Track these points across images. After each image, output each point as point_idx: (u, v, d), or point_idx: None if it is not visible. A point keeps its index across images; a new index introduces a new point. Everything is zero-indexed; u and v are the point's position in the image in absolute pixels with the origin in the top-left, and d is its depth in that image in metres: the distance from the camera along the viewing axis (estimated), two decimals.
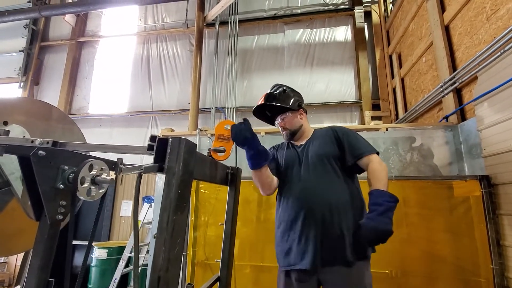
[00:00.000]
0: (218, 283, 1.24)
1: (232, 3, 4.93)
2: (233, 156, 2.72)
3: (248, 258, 2.27)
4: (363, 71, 4.52)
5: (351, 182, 1.37)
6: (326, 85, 4.69)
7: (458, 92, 2.58)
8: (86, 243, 4.24)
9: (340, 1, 4.98)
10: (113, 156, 0.78)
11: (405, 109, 3.84)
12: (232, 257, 1.32)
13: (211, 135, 2.90)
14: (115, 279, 3.42)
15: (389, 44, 4.42)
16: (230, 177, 1.24)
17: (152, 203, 3.77)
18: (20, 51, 5.86)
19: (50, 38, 6.12)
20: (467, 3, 2.41)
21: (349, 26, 4.85)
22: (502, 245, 1.92)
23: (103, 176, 0.70)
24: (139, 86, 5.39)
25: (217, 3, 4.86)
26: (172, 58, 5.40)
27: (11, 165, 1.01)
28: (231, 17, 5.11)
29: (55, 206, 0.63)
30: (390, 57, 4.36)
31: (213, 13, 4.95)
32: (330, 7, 4.97)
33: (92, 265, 3.75)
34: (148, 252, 3.64)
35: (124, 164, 0.71)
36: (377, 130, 2.73)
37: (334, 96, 4.62)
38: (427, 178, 2.22)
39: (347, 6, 4.91)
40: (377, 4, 4.77)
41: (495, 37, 2.01)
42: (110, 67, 5.69)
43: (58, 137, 1.27)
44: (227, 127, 1.14)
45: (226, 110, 4.79)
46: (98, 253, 3.75)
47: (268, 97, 1.48)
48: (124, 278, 3.68)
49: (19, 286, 2.34)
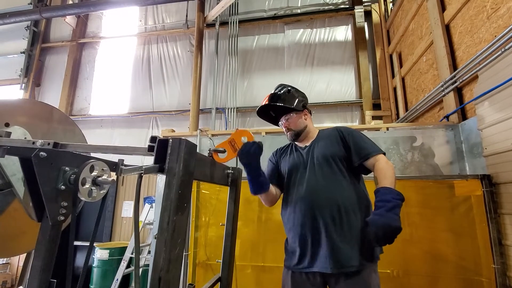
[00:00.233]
0: (219, 283, 1.24)
1: (232, 3, 4.93)
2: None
3: (249, 259, 2.27)
4: (364, 71, 4.51)
5: (357, 183, 1.36)
6: (326, 85, 4.69)
7: (458, 91, 2.57)
8: (87, 243, 4.25)
9: (340, 1, 4.98)
10: (114, 157, 0.79)
11: (406, 109, 3.83)
12: (233, 257, 1.32)
13: (212, 135, 2.90)
14: (117, 280, 3.42)
15: (389, 43, 4.42)
16: (230, 178, 1.24)
17: (153, 204, 3.77)
18: (21, 52, 5.87)
19: (51, 39, 6.14)
20: (467, 2, 2.40)
21: (349, 26, 4.84)
22: (504, 244, 1.91)
23: (104, 177, 0.70)
24: (140, 87, 5.40)
25: (217, 3, 4.87)
26: (172, 58, 5.40)
27: (12, 166, 1.01)
28: (231, 17, 5.11)
29: (56, 207, 0.63)
30: (391, 56, 4.35)
31: (213, 13, 4.95)
32: (330, 6, 4.97)
33: (93, 265, 3.76)
34: (149, 252, 3.65)
35: (125, 165, 0.71)
36: (377, 129, 2.73)
37: (334, 96, 4.62)
38: (428, 177, 2.22)
39: (347, 6, 4.90)
40: (377, 4, 4.77)
41: (495, 36, 2.00)
42: (111, 68, 5.70)
43: (59, 138, 1.27)
44: (244, 139, 1.13)
45: (227, 110, 4.79)
46: (100, 253, 3.76)
47: (273, 97, 1.46)
48: (126, 279, 3.69)
49: (21, 287, 2.35)
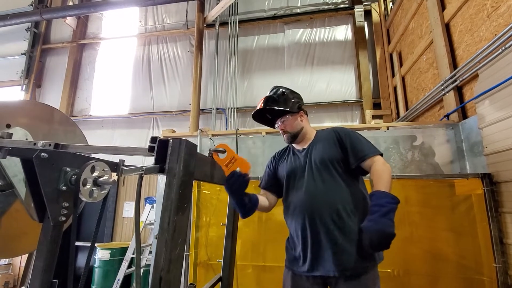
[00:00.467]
0: (220, 283, 1.24)
1: (232, 3, 4.93)
2: None
3: (250, 258, 2.27)
4: (364, 70, 4.51)
5: (357, 185, 1.36)
6: (326, 84, 4.69)
7: (459, 90, 2.57)
8: (89, 244, 4.25)
9: (340, 0, 4.97)
10: (114, 158, 0.79)
11: (406, 108, 3.83)
12: (234, 257, 1.32)
13: (212, 135, 2.90)
14: (118, 280, 3.43)
15: (389, 42, 4.41)
16: None
17: (154, 204, 3.78)
18: (22, 54, 5.89)
19: (52, 40, 6.15)
20: (467, 0, 2.39)
21: (349, 25, 4.84)
22: (505, 243, 1.91)
23: (105, 177, 0.70)
24: (140, 87, 5.41)
25: (217, 3, 4.87)
26: (172, 59, 5.41)
27: (14, 167, 1.01)
28: (231, 17, 5.11)
29: (58, 207, 0.63)
30: (391, 55, 4.35)
31: (213, 14, 4.96)
32: (330, 6, 4.96)
33: (95, 266, 3.77)
34: (150, 253, 3.66)
35: (126, 166, 0.72)
36: (378, 129, 2.73)
37: (335, 96, 4.61)
38: (429, 176, 2.21)
39: (347, 5, 4.90)
40: (377, 3, 4.76)
41: (496, 35, 2.00)
42: (111, 68, 5.71)
43: (60, 139, 1.28)
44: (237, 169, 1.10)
45: (227, 110, 4.79)
46: (101, 254, 3.76)
47: (267, 100, 1.45)
48: (127, 279, 3.70)
49: (23, 287, 2.36)
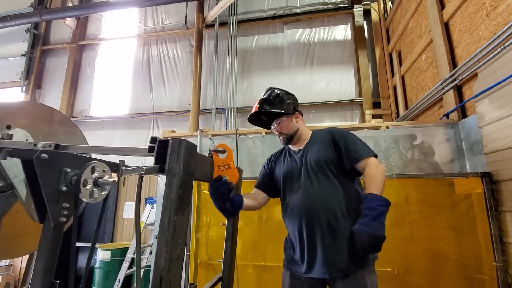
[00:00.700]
0: (220, 283, 1.24)
1: (231, 3, 4.93)
2: (234, 156, 2.73)
3: (251, 258, 2.28)
4: (363, 70, 4.51)
5: (353, 186, 1.36)
6: (326, 84, 4.69)
7: (458, 89, 2.57)
8: (89, 245, 4.26)
9: (339, 0, 4.97)
10: (115, 158, 0.79)
11: (406, 107, 3.83)
12: (234, 257, 1.32)
13: (212, 135, 2.91)
14: (119, 280, 3.43)
15: (388, 42, 4.41)
16: None
17: (154, 204, 3.78)
18: (22, 55, 5.89)
19: (51, 41, 6.15)
20: None
21: (349, 25, 4.84)
22: (505, 242, 1.91)
23: (105, 178, 0.71)
24: (140, 88, 5.41)
25: (216, 4, 4.87)
26: (172, 59, 5.41)
27: (14, 168, 1.02)
28: (230, 17, 5.11)
29: (58, 208, 0.64)
30: (390, 55, 4.35)
31: (212, 14, 4.96)
32: (329, 6, 4.96)
33: (95, 266, 3.78)
34: (151, 253, 3.66)
35: (126, 166, 0.72)
36: (377, 128, 2.73)
37: (334, 95, 4.61)
38: (429, 175, 2.22)
39: (346, 5, 4.90)
40: (376, 2, 4.76)
41: (495, 33, 2.00)
42: (111, 69, 5.71)
43: (61, 140, 1.28)
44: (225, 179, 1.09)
45: (227, 110, 4.79)
46: (102, 254, 3.77)
47: (262, 103, 1.45)
48: (128, 279, 3.70)
49: None
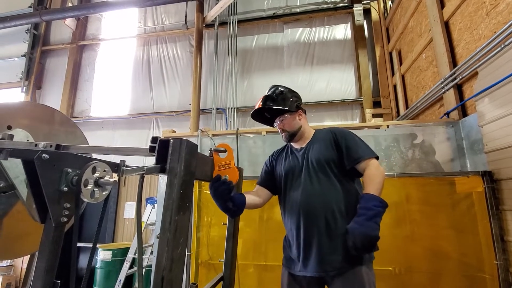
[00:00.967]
0: (222, 282, 1.25)
1: (231, 3, 4.93)
2: (234, 155, 2.73)
3: (252, 258, 2.28)
4: (363, 69, 4.50)
5: (353, 186, 1.36)
6: (326, 83, 4.68)
7: (458, 88, 2.56)
8: (90, 245, 4.26)
9: None
10: (115, 158, 0.79)
11: (406, 106, 3.82)
12: (235, 256, 1.33)
13: (213, 135, 2.91)
14: (120, 281, 3.44)
15: (389, 41, 4.41)
16: None
17: (155, 204, 3.78)
18: (22, 55, 5.88)
19: (51, 42, 6.15)
20: None
21: (349, 24, 4.83)
22: (506, 240, 1.91)
23: (106, 178, 0.71)
24: (140, 88, 5.41)
25: (216, 3, 4.87)
26: (172, 59, 5.41)
27: (15, 168, 1.02)
28: (230, 17, 5.11)
29: (59, 208, 0.64)
30: (390, 54, 4.34)
31: (212, 13, 4.95)
32: (329, 5, 4.96)
33: (97, 266, 3.78)
34: (152, 253, 3.66)
35: (127, 166, 0.72)
36: (378, 127, 2.73)
37: (334, 95, 4.61)
38: (429, 174, 2.22)
39: (346, 4, 4.89)
40: (376, 1, 4.75)
41: (495, 32, 1.99)
42: (111, 69, 5.71)
43: (61, 140, 1.28)
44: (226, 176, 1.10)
45: (227, 110, 4.79)
46: (103, 254, 3.77)
47: (266, 99, 1.45)
48: (129, 279, 3.70)
49: None
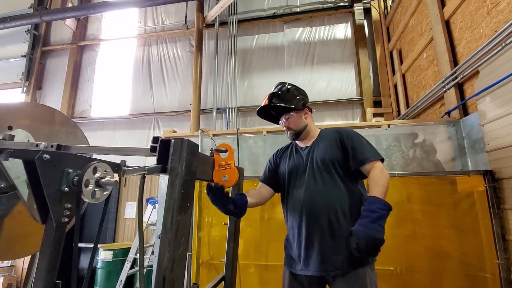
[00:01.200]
0: (223, 282, 1.24)
1: (231, 3, 4.93)
2: (235, 155, 2.73)
3: (253, 257, 2.28)
4: (364, 68, 4.50)
5: (357, 187, 1.35)
6: (327, 83, 4.68)
7: (459, 87, 2.56)
8: (91, 245, 4.26)
9: None
10: (116, 159, 0.79)
11: (407, 106, 3.82)
12: (236, 256, 1.32)
13: (213, 135, 2.91)
14: (121, 281, 3.44)
15: (389, 40, 4.40)
16: None
17: (156, 205, 3.79)
18: (22, 56, 5.89)
19: (52, 42, 6.16)
20: None
21: (349, 24, 4.83)
22: (507, 239, 1.90)
23: (107, 178, 0.71)
24: (141, 88, 5.41)
25: (216, 3, 4.87)
26: (172, 59, 5.41)
27: (16, 169, 1.02)
28: (230, 17, 5.11)
29: (60, 209, 0.64)
30: (391, 53, 4.34)
31: (212, 13, 4.95)
32: (330, 4, 4.95)
33: (98, 267, 3.78)
34: (153, 253, 3.67)
35: (128, 166, 0.72)
36: (379, 127, 2.73)
37: (335, 94, 4.61)
38: (430, 174, 2.21)
39: (347, 3, 4.89)
40: (376, 1, 4.75)
41: (496, 31, 1.99)
42: (111, 70, 5.71)
43: (62, 140, 1.28)
44: (224, 178, 1.11)
45: (228, 110, 4.79)
46: (104, 255, 3.77)
47: (272, 97, 1.44)
48: (130, 280, 3.71)
49: None
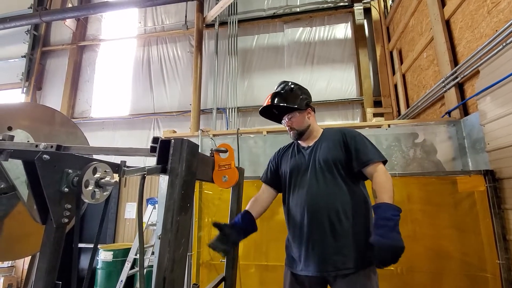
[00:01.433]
0: (223, 283, 1.24)
1: (231, 3, 4.92)
2: (235, 155, 2.73)
3: (253, 258, 2.27)
4: (364, 68, 4.49)
5: (359, 188, 1.34)
6: (327, 83, 4.67)
7: (460, 87, 2.56)
8: (91, 245, 4.26)
9: None
10: (116, 159, 0.79)
11: (407, 105, 3.82)
12: (236, 257, 1.32)
13: (213, 135, 2.90)
14: (121, 281, 3.44)
15: (389, 40, 4.40)
16: None
17: (156, 205, 3.78)
18: (22, 56, 5.89)
19: (52, 43, 6.16)
20: None
21: (349, 23, 4.82)
22: (508, 239, 1.90)
23: (107, 178, 0.70)
24: (141, 88, 5.41)
25: (216, 3, 4.87)
26: (172, 59, 5.41)
27: (16, 169, 1.01)
28: (230, 17, 5.11)
29: (60, 209, 0.63)
30: (391, 53, 4.33)
31: (212, 13, 4.95)
32: (329, 4, 4.95)
33: (98, 267, 3.78)
34: (153, 253, 3.66)
35: (128, 166, 0.71)
36: (379, 127, 2.72)
37: (335, 94, 4.60)
38: (431, 174, 2.21)
39: (346, 3, 4.88)
40: (376, 1, 4.75)
41: (496, 31, 1.99)
42: (111, 70, 5.71)
43: (62, 141, 1.28)
44: (224, 178, 1.11)
45: (228, 110, 4.79)
46: (104, 255, 3.77)
47: (275, 96, 1.43)
48: (130, 280, 3.70)
49: None
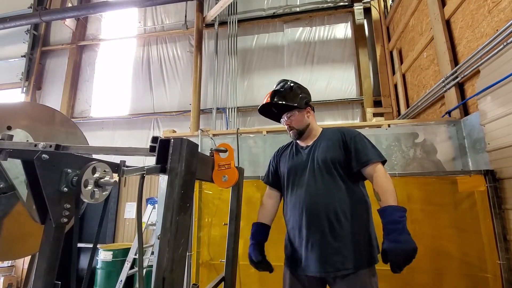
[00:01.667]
0: (223, 283, 1.24)
1: (231, 3, 4.92)
2: (235, 155, 2.72)
3: None
4: (364, 68, 4.49)
5: (358, 188, 1.34)
6: (327, 82, 4.67)
7: (460, 87, 2.55)
8: (91, 245, 4.26)
9: None
10: (115, 159, 0.79)
11: (407, 105, 3.81)
12: (236, 257, 1.32)
13: (213, 135, 2.90)
14: (121, 281, 3.43)
15: (389, 40, 4.40)
16: None
17: (156, 205, 3.78)
18: (22, 56, 5.88)
19: (51, 42, 6.15)
20: None
21: (349, 23, 4.82)
22: (509, 240, 1.90)
23: (106, 178, 0.70)
24: (140, 88, 5.41)
25: (216, 3, 4.86)
26: (172, 59, 5.41)
27: (15, 169, 1.01)
28: (230, 17, 5.10)
29: (59, 209, 0.63)
30: (391, 53, 4.33)
31: (212, 13, 4.95)
32: (329, 4, 4.95)
33: (97, 267, 3.78)
34: (152, 253, 3.66)
35: (127, 166, 0.71)
36: (379, 126, 2.72)
37: (335, 94, 4.60)
38: (431, 174, 2.20)
39: (346, 3, 4.88)
40: (376, 0, 4.74)
41: (497, 30, 1.98)
42: (111, 70, 5.71)
43: (61, 140, 1.27)
44: (224, 178, 1.08)
45: (228, 110, 4.79)
46: (103, 255, 3.77)
47: (274, 94, 1.41)
48: (130, 280, 3.70)
49: None
